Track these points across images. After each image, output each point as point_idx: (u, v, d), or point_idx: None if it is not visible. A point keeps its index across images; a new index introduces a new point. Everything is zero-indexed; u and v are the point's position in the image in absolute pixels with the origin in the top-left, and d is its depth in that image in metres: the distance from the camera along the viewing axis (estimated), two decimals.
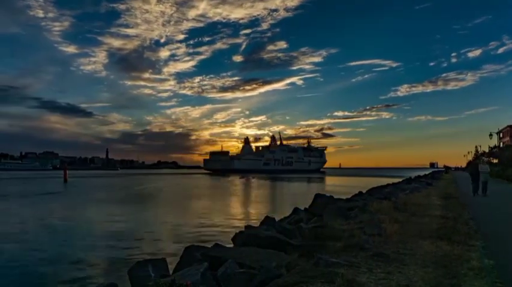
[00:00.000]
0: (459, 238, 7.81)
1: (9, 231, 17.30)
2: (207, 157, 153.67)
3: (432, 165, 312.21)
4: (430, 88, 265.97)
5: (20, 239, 15.29)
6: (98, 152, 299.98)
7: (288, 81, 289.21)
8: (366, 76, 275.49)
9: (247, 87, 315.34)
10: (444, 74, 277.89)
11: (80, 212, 25.06)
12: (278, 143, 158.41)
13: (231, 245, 8.76)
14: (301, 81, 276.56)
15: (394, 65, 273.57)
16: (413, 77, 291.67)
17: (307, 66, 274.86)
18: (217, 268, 5.88)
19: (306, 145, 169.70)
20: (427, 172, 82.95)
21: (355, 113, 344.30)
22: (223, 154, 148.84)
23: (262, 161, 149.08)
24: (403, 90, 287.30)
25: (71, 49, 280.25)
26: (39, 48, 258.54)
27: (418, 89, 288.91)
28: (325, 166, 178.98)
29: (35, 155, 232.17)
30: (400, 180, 44.66)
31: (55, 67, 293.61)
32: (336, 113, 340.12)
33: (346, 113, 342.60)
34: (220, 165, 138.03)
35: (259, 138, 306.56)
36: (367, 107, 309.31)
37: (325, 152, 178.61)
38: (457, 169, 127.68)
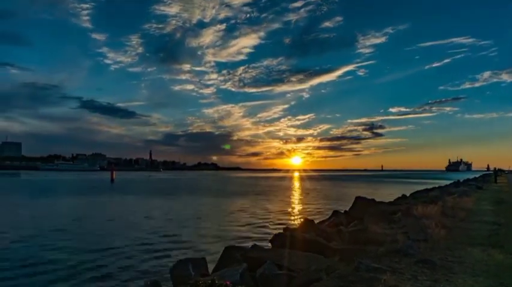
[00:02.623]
0: None
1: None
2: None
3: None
4: None
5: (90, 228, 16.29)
6: (142, 153, 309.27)
7: (343, 70, 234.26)
8: (446, 60, 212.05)
9: (295, 80, 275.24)
10: None
11: None
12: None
13: (270, 247, 8.76)
14: (358, 71, 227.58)
15: (480, 44, 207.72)
16: (504, 60, 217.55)
17: (366, 51, 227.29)
18: (256, 269, 5.90)
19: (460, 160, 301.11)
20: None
21: (412, 109, 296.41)
22: (457, 163, 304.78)
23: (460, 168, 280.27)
24: (482, 79, 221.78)
25: (103, 37, 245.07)
26: (70, 37, 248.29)
27: (502, 77, 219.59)
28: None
29: (84, 157, 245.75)
30: (448, 183, 42.53)
31: (88, 61, 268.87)
32: (390, 109, 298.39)
33: (403, 109, 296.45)
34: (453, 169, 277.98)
35: (302, 139, 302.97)
36: (429, 101, 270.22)
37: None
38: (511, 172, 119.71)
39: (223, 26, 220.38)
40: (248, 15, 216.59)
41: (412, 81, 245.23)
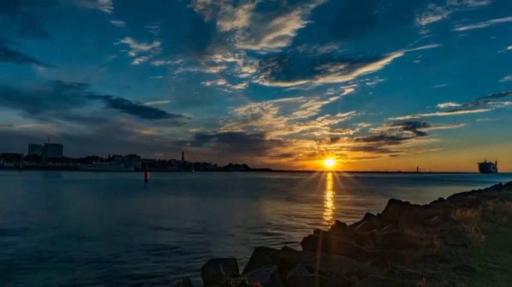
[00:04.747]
0: None
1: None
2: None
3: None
4: None
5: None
6: (174, 154, 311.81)
7: (392, 57, 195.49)
8: None
9: (335, 70, 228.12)
10: None
11: None
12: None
13: (300, 249, 8.70)
14: (409, 57, 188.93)
15: None
16: None
17: (423, 32, 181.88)
18: (286, 271, 5.88)
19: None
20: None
21: (463, 104, 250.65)
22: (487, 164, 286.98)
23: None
24: None
25: (124, 24, 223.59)
26: (90, 26, 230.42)
27: None
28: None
29: (120, 158, 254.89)
30: (489, 186, 40.51)
31: (111, 54, 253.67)
32: (439, 105, 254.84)
33: (453, 105, 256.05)
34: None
35: (337, 139, 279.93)
36: (489, 95, 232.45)
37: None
38: None
39: (257, 4, 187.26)
40: None
41: (473, 70, 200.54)
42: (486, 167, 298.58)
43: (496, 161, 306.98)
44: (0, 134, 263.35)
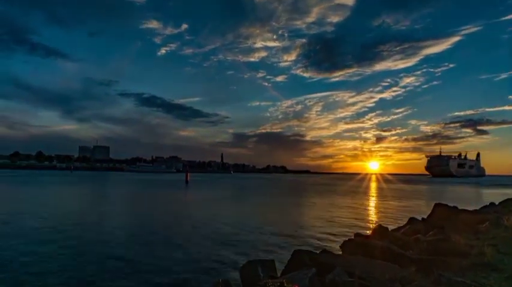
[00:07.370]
0: None
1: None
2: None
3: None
4: None
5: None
6: (213, 156, 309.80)
7: (462, 33, 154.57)
8: None
9: (390, 53, 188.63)
10: None
11: None
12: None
13: (340, 253, 8.52)
14: (494, 31, 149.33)
15: None
16: None
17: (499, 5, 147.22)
18: (325, 274, 5.78)
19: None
20: None
21: None
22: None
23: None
24: None
25: (143, 1, 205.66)
26: (109, 6, 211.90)
27: None
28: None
29: (162, 159, 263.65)
30: None
31: (136, 40, 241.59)
32: (510, 97, 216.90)
33: None
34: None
35: (384, 138, 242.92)
36: None
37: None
38: None
39: None
40: None
41: None
42: (440, 163, 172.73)
43: (478, 155, 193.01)
44: (42, 136, 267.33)
